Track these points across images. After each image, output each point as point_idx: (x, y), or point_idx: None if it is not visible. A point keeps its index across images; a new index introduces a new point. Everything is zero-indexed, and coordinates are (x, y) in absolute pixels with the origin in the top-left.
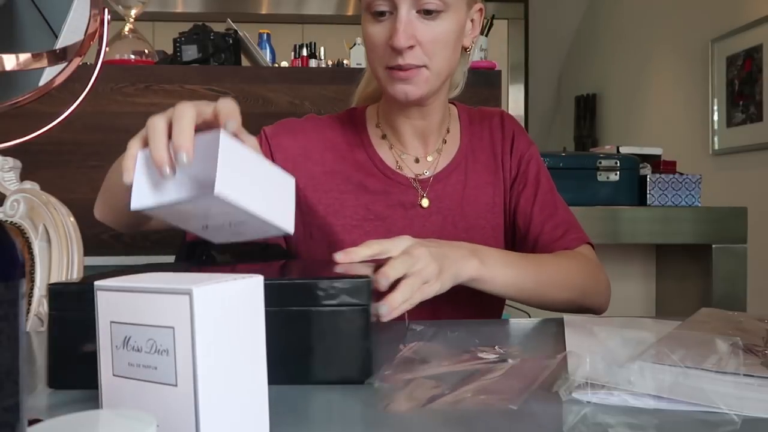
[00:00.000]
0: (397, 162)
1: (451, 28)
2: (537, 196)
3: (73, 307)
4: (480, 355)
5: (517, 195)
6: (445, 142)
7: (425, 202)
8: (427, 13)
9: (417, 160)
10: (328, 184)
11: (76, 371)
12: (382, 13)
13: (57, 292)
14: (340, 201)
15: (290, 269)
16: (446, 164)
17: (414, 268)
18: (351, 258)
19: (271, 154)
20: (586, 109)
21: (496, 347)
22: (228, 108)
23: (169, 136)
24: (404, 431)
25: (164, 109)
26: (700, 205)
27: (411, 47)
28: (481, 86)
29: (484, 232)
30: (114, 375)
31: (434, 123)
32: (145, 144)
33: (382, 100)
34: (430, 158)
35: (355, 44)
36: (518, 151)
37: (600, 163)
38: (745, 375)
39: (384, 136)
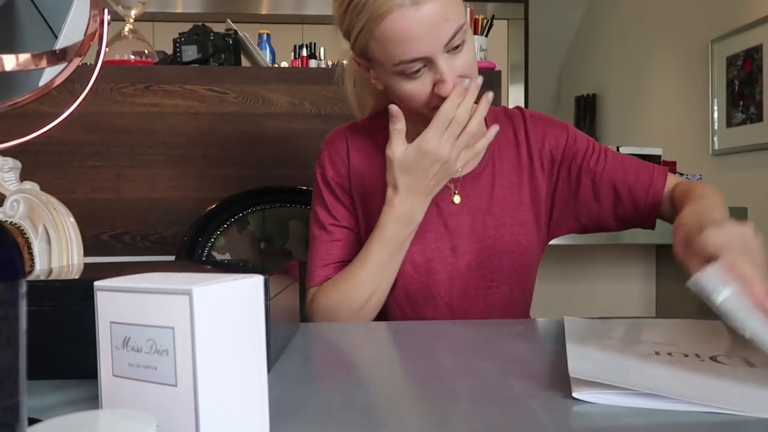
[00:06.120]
0: None
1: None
2: (605, 162)
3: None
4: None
5: (578, 175)
6: None
7: (457, 199)
8: (455, 48)
9: None
10: (377, 187)
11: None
12: (417, 71)
13: None
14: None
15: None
16: (475, 164)
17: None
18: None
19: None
20: (586, 109)
21: None
22: None
23: None
24: (402, 430)
25: (164, 110)
26: None
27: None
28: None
29: (513, 229)
30: (114, 375)
31: None
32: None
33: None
34: None
35: None
36: (552, 143)
37: None
38: (744, 375)
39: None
